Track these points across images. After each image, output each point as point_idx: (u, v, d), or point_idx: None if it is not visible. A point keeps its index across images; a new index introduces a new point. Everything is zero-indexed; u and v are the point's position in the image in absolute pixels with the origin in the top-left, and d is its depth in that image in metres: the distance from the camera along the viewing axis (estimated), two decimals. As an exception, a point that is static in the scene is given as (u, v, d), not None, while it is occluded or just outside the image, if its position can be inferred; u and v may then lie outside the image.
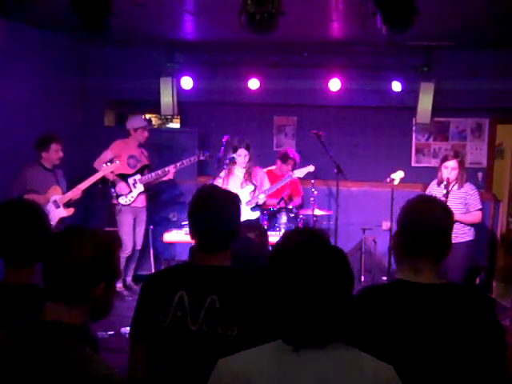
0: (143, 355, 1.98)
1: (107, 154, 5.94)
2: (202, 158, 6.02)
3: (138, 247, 6.27)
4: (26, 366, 1.46)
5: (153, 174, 6.00)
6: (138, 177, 6.00)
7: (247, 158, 5.45)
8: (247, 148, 5.44)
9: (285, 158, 6.33)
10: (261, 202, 5.52)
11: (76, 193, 5.50)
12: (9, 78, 5.70)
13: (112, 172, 5.82)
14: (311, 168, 5.70)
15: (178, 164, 5.96)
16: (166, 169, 5.95)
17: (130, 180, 5.99)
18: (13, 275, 1.99)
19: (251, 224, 4.43)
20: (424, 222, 1.82)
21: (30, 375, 1.46)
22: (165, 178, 6.05)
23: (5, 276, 2.02)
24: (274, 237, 5.26)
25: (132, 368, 1.99)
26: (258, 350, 1.43)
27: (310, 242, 1.41)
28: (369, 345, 1.56)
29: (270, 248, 3.99)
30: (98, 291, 1.59)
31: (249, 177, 5.52)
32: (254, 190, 5.52)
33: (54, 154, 5.36)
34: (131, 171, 6.01)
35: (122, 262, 6.05)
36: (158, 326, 1.95)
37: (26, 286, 1.97)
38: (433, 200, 1.93)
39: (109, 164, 5.74)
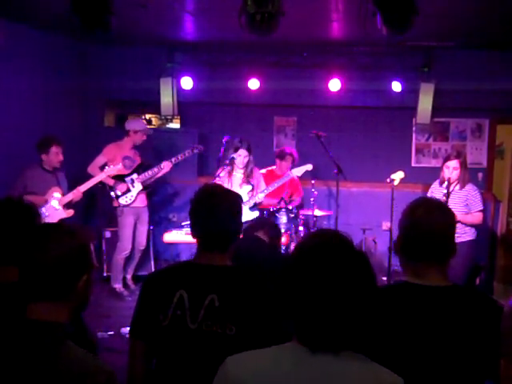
0: (143, 353, 2.00)
1: (100, 159, 5.91)
2: (196, 151, 6.01)
3: (142, 247, 6.25)
4: (10, 366, 1.47)
5: (149, 172, 5.99)
6: (134, 176, 5.99)
7: (246, 160, 5.39)
8: (248, 149, 5.40)
9: (282, 154, 6.34)
10: (259, 201, 5.52)
11: (76, 194, 5.48)
12: (9, 78, 5.71)
13: (108, 176, 5.77)
14: (309, 167, 5.69)
15: (173, 159, 5.94)
16: (162, 165, 5.95)
17: (128, 180, 5.97)
18: (1, 273, 2.00)
19: (261, 221, 4.39)
20: (425, 229, 1.80)
21: (14, 375, 1.46)
22: (160, 174, 6.05)
23: None
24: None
25: (132, 366, 2.01)
26: (271, 350, 1.41)
27: (331, 242, 1.41)
28: (373, 348, 1.55)
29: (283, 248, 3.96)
30: (81, 284, 1.62)
31: (247, 177, 5.52)
32: (252, 190, 5.52)
33: (53, 156, 5.33)
34: (127, 172, 5.98)
35: (121, 262, 6.07)
36: (158, 325, 1.96)
37: (14, 283, 1.95)
38: (433, 204, 1.90)
39: (107, 168, 5.72)
